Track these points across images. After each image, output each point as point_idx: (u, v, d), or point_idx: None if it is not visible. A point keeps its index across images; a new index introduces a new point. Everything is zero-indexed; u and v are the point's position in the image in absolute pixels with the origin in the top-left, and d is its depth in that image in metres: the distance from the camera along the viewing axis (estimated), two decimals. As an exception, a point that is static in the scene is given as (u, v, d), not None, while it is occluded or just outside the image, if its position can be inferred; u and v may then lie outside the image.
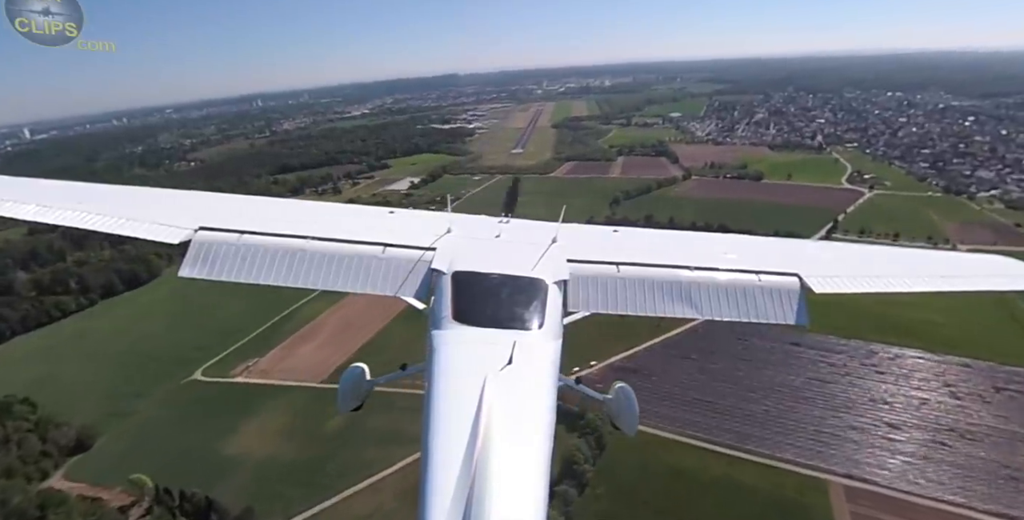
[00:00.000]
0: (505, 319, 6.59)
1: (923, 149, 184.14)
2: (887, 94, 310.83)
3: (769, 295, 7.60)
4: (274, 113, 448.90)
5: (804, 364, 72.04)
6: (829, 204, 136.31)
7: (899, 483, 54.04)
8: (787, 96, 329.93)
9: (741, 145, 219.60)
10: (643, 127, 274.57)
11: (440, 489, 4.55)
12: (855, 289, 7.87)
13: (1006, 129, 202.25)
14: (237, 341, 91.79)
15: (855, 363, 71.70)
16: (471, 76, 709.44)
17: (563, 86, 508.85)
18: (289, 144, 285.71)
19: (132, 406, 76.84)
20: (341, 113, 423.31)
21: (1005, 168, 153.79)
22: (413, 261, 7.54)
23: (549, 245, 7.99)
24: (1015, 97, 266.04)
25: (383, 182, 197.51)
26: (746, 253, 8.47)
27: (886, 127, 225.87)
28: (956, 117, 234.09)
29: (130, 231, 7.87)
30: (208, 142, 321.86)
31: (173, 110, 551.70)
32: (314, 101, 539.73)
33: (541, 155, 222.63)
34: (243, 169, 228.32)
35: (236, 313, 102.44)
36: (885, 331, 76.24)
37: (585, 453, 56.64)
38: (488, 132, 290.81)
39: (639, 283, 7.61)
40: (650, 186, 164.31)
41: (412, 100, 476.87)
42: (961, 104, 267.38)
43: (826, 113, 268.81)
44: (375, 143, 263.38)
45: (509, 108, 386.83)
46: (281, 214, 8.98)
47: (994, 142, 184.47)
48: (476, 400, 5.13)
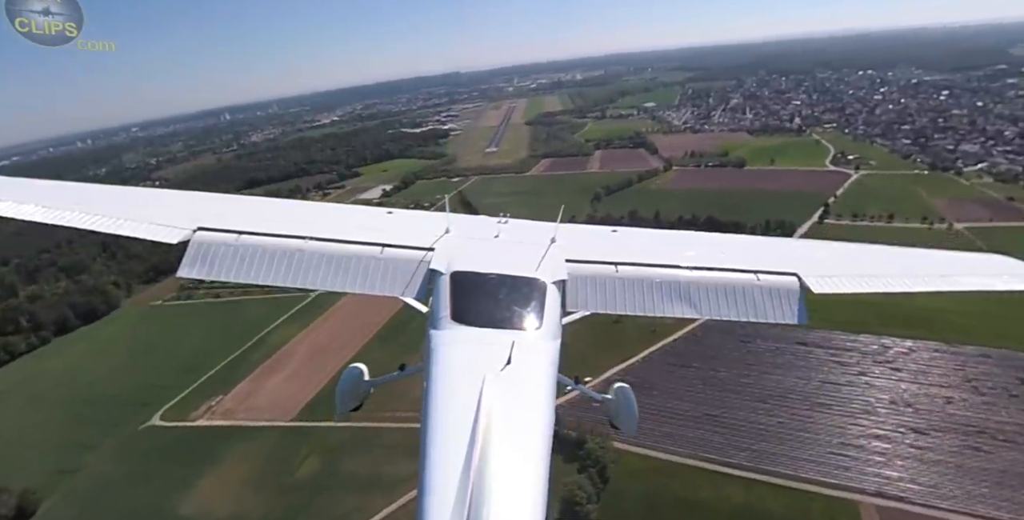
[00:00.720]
0: (504, 319, 6.59)
1: (903, 125, 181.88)
2: (859, 73, 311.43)
3: (768, 295, 7.56)
4: (242, 126, 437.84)
5: (814, 366, 66.59)
6: (817, 187, 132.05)
7: (935, 499, 48.68)
8: (759, 80, 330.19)
9: (720, 132, 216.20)
10: (618, 119, 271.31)
11: (439, 490, 4.54)
12: (854, 289, 7.88)
13: (981, 101, 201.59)
14: (200, 377, 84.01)
15: (868, 361, 66.39)
16: (441, 77, 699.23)
17: (534, 82, 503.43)
18: (257, 157, 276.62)
19: (82, 460, 68.86)
20: (310, 122, 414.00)
21: (988, 140, 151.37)
22: (412, 261, 7.53)
23: (548, 245, 7.98)
24: (985, 69, 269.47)
25: (354, 191, 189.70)
26: (744, 253, 8.50)
27: (863, 106, 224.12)
28: (931, 92, 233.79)
29: (129, 231, 7.85)
30: (174, 160, 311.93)
31: (139, 128, 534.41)
32: (283, 111, 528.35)
33: (516, 153, 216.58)
34: (209, 186, 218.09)
35: (200, 344, 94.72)
36: (894, 323, 71.21)
37: (587, 490, 50.38)
38: (461, 133, 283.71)
39: (638, 283, 7.57)
40: (631, 179, 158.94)
41: (382, 105, 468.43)
42: (933, 79, 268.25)
43: (801, 95, 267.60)
44: (345, 151, 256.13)
45: (481, 107, 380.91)
46: (280, 214, 9.02)
47: (973, 114, 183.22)
48: (475, 400, 5.08)
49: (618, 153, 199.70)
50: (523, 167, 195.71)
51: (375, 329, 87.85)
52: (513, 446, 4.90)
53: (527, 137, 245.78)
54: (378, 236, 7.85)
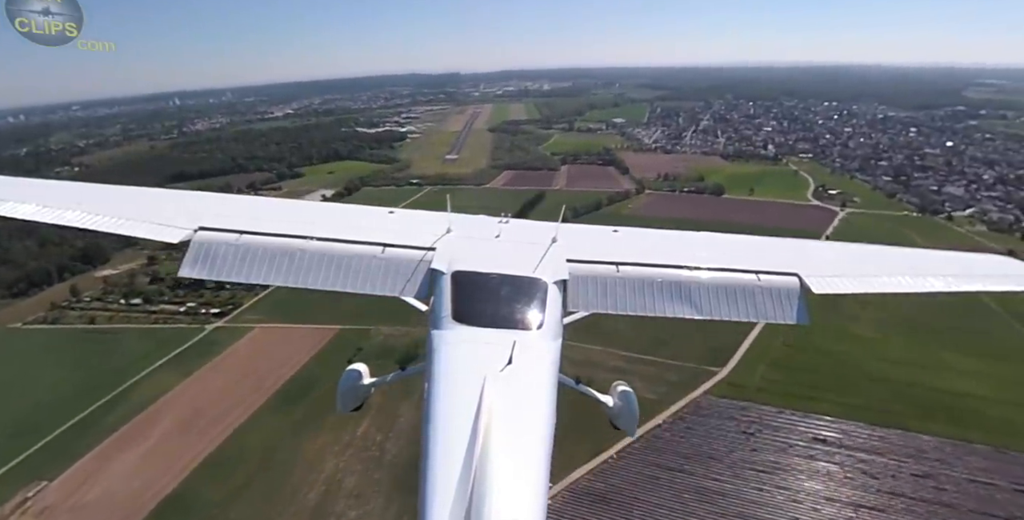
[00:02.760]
0: (505, 319, 6.57)
1: (880, 161, 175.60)
2: (825, 104, 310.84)
3: (769, 295, 7.59)
4: (190, 112, 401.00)
5: (838, 479, 51.27)
6: (802, 224, 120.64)
7: None
8: (727, 103, 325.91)
9: (692, 154, 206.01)
10: (586, 132, 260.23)
11: (440, 489, 4.52)
12: (855, 289, 7.90)
13: (951, 141, 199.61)
14: (29, 446, 62.21)
15: (905, 473, 51.37)
16: (408, 77, 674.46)
17: (501, 89, 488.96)
18: (193, 148, 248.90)
19: None
20: (262, 114, 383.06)
21: (971, 184, 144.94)
22: (413, 261, 7.55)
23: (549, 245, 8.00)
24: (945, 109, 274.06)
25: (290, 195, 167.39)
26: (746, 253, 8.51)
27: (835, 137, 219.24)
28: (899, 128, 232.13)
29: (130, 231, 7.91)
30: (105, 144, 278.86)
31: (81, 107, 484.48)
32: (237, 100, 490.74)
33: (476, 162, 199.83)
34: (130, 177, 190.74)
35: (47, 393, 72.23)
36: (924, 413, 57.73)
37: None
38: (421, 137, 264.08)
39: (639, 283, 7.61)
40: (600, 201, 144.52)
41: (342, 100, 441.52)
42: (898, 115, 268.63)
43: (771, 122, 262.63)
44: (291, 148, 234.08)
45: (446, 110, 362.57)
46: (281, 214, 8.94)
47: (947, 155, 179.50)
48: (476, 400, 5.06)
49: (586, 169, 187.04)
50: (483, 178, 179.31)
51: (276, 384, 68.47)
52: (514, 446, 4.86)
53: (489, 145, 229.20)
54: (379, 236, 7.90)
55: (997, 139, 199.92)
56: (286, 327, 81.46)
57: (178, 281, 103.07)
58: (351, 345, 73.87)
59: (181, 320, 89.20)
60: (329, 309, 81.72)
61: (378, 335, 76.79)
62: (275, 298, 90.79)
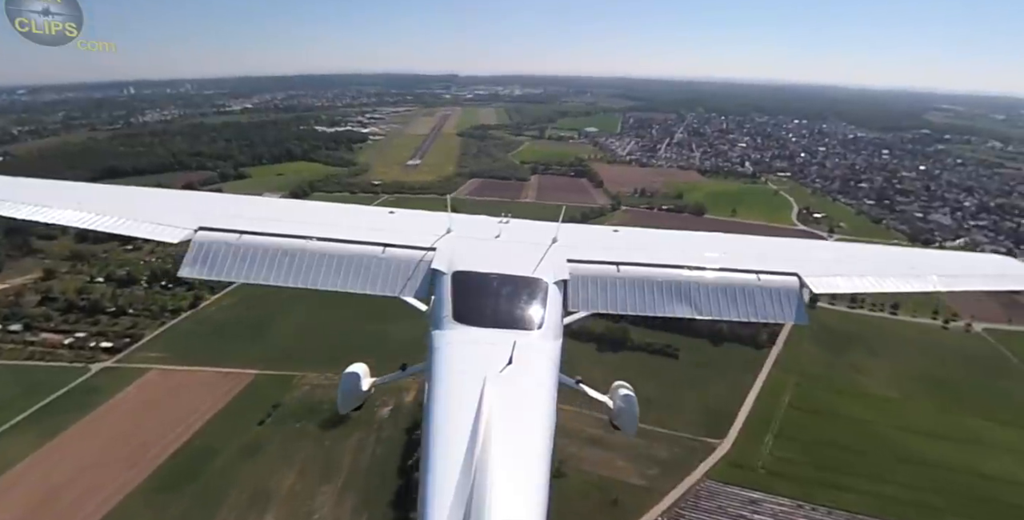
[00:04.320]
0: (505, 319, 6.53)
1: (859, 183, 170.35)
2: (795, 122, 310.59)
3: (768, 295, 7.53)
4: (143, 102, 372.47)
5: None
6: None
7: None
8: (700, 117, 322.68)
9: (668, 168, 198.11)
10: (558, 141, 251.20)
11: (440, 489, 4.48)
12: (854, 289, 7.95)
13: (924, 165, 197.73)
14: None
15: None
16: (378, 76, 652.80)
17: (471, 92, 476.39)
18: (134, 141, 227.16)
19: None
20: (219, 107, 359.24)
21: (955, 211, 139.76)
22: (413, 261, 7.51)
23: (549, 245, 7.98)
24: (911, 132, 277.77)
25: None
26: (746, 253, 8.42)
27: (811, 156, 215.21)
28: (871, 149, 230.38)
29: (130, 231, 7.84)
30: (40, 132, 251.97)
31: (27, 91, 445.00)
32: (196, 92, 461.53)
33: (442, 169, 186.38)
34: (53, 171, 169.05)
35: None
36: (966, 504, 47.27)
37: None
38: (384, 139, 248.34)
39: (639, 283, 7.54)
40: (573, 216, 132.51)
41: (305, 97, 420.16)
42: (867, 136, 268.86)
43: (745, 137, 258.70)
44: (241, 145, 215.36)
45: (413, 112, 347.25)
46: (281, 214, 8.87)
47: (924, 179, 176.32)
48: (476, 400, 5.02)
49: (558, 180, 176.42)
50: (447, 187, 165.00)
51: (159, 457, 52.96)
52: (514, 445, 4.84)
53: (457, 151, 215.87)
54: (380, 236, 7.89)
55: (968, 164, 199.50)
56: (188, 370, 65.61)
57: (71, 304, 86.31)
58: (266, 398, 59.26)
59: (63, 356, 72.04)
60: (246, 346, 66.96)
61: (301, 385, 61.88)
62: (183, 329, 75.08)
